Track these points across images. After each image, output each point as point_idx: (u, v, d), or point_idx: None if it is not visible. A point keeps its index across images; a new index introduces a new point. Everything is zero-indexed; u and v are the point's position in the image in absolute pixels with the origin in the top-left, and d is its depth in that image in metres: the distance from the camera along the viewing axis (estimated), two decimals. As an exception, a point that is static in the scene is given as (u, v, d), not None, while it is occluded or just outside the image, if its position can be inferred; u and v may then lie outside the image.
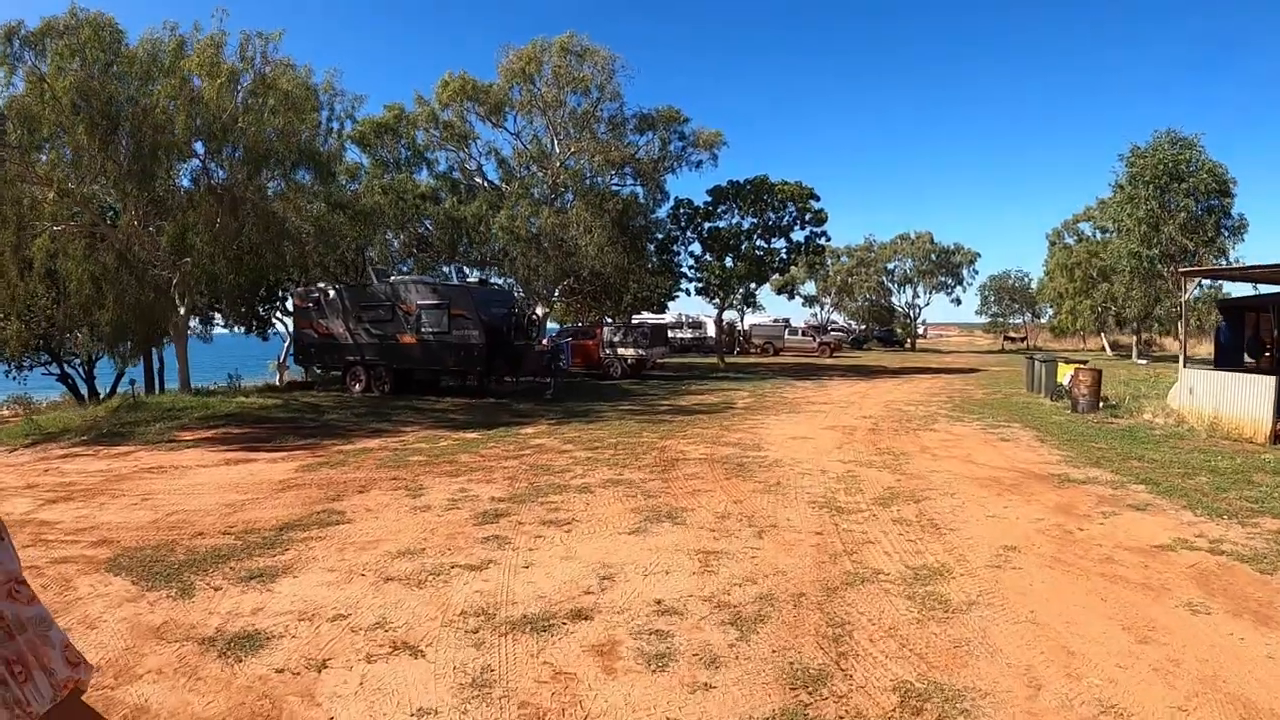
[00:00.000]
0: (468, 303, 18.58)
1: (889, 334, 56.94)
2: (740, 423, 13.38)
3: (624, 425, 13.22)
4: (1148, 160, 15.43)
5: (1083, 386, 13.90)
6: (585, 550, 5.99)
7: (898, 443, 10.98)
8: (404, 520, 7.02)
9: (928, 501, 7.29)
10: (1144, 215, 14.94)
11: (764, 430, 12.39)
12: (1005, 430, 12.21)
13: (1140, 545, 6.08)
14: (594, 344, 25.36)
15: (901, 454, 9.98)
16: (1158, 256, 14.75)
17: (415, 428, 13.29)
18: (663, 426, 13.01)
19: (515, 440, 11.75)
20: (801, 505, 7.22)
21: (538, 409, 16.07)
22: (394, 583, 5.32)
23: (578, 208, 25.58)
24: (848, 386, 21.69)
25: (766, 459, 9.76)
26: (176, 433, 12.54)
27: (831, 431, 12.19)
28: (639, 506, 7.30)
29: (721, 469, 9.15)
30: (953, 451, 10.17)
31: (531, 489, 8.19)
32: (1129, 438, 11.38)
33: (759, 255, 27.33)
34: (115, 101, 16.15)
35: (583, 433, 12.42)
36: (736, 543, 6.04)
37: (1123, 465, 9.23)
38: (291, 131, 19.93)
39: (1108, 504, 7.35)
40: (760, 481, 8.38)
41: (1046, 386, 17.10)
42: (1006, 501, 7.37)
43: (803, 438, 11.52)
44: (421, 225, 27.67)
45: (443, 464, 9.76)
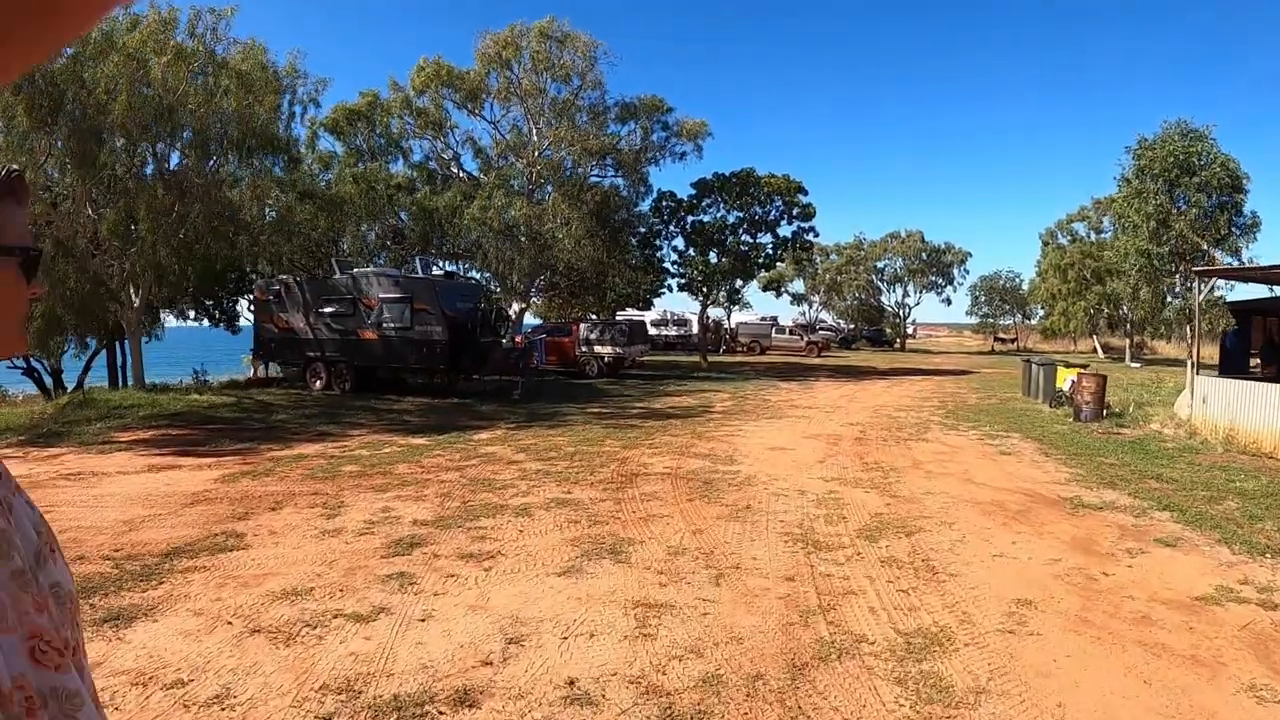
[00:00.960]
0: (431, 296, 17.41)
1: (878, 334, 55.98)
2: (715, 429, 12.24)
3: (588, 431, 12.07)
4: (1157, 153, 14.39)
5: (1086, 393, 12.85)
6: (500, 597, 4.85)
7: (887, 456, 9.87)
8: (305, 548, 5.93)
9: (922, 535, 6.15)
10: (1153, 211, 13.89)
11: (740, 439, 11.25)
12: (1005, 441, 11.12)
13: (1179, 597, 4.98)
14: (570, 341, 24.18)
15: (891, 470, 8.86)
16: (1167, 255, 13.70)
17: (364, 431, 12.14)
18: (630, 433, 11.85)
19: (465, 447, 10.61)
20: (772, 538, 6.07)
21: (501, 411, 14.93)
22: (261, 636, 4.29)
23: (554, 199, 24.38)
24: (835, 389, 20.61)
25: (738, 475, 8.61)
26: (115, 433, 11.60)
27: (814, 441, 11.06)
28: (579, 536, 6.14)
29: (685, 487, 8.00)
30: (948, 467, 9.06)
31: (463, 510, 7.06)
32: (1140, 451, 10.32)
33: (744, 250, 26.19)
34: (58, 81, 14.90)
35: (540, 439, 11.26)
36: (687, 591, 4.89)
37: (1140, 486, 8.15)
38: (247, 114, 18.74)
39: (1131, 537, 6.25)
40: (728, 504, 7.23)
41: (1045, 392, 16.06)
42: (1015, 534, 6.25)
43: (782, 448, 10.39)
44: (396, 217, 26.42)
45: (376, 476, 8.64)
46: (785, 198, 26.48)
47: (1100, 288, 39.42)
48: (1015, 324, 62.81)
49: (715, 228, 26.54)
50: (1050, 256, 42.83)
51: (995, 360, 39.90)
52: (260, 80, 19.07)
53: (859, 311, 56.14)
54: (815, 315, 57.64)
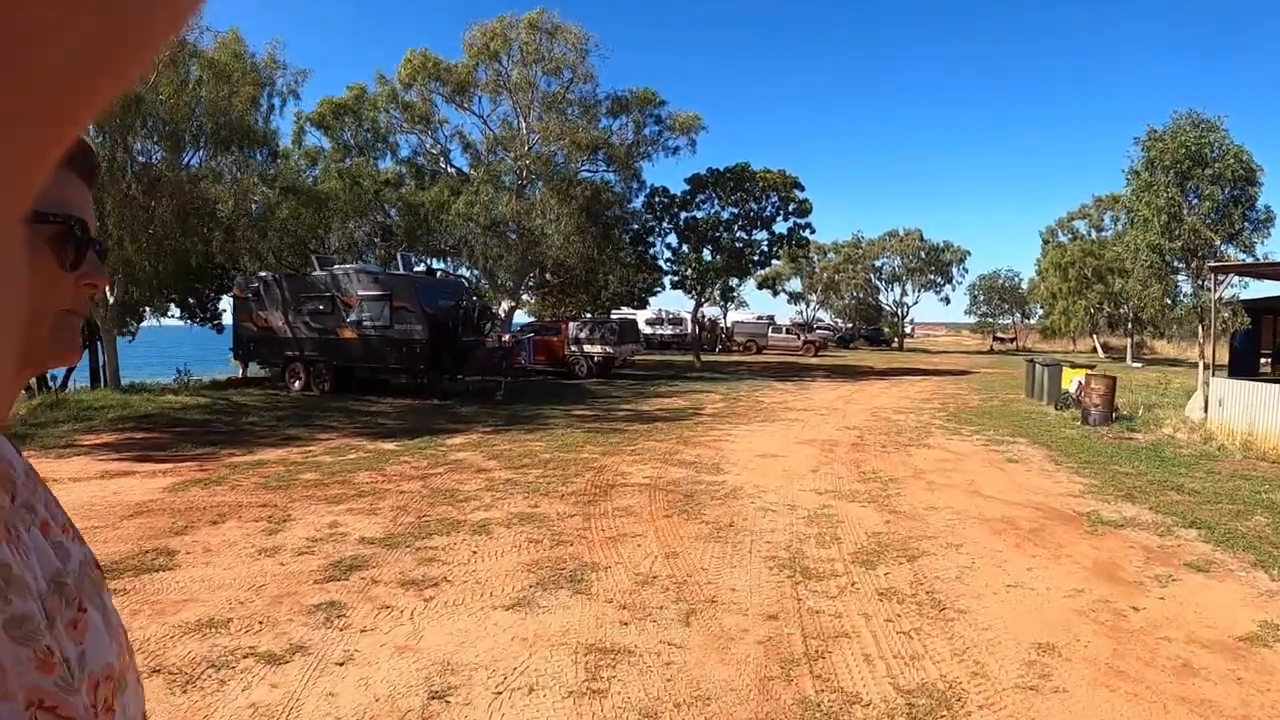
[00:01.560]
0: (410, 294, 16.77)
1: (876, 333, 55.26)
2: (703, 434, 11.55)
3: (568, 435, 11.38)
4: (1167, 144, 13.71)
5: (1094, 395, 12.17)
6: (435, 636, 4.18)
7: (886, 464, 9.17)
8: (236, 570, 5.34)
9: (926, 559, 5.46)
10: (1164, 204, 13.21)
11: (729, 444, 10.55)
12: (1011, 447, 10.42)
13: (1220, 636, 4.30)
14: (558, 340, 23.46)
15: (891, 480, 8.16)
16: (1179, 250, 13.01)
17: (333, 435, 11.46)
18: (612, 438, 11.16)
19: (434, 453, 9.92)
20: (756, 563, 5.37)
21: (481, 413, 14.26)
22: (160, 677, 3.79)
23: (543, 193, 23.68)
24: (831, 389, 19.92)
25: (724, 487, 7.91)
26: (80, 436, 11.03)
27: (808, 447, 10.37)
28: (538, 560, 5.45)
29: (664, 501, 7.31)
30: (952, 477, 8.37)
31: (416, 526, 6.39)
32: (1155, 459, 9.63)
33: (738, 247, 25.45)
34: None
35: (516, 445, 10.57)
36: (651, 632, 4.20)
37: (1160, 499, 7.47)
38: (222, 105, 18.07)
39: (1159, 560, 5.57)
40: (709, 522, 6.53)
41: (1050, 393, 15.38)
42: (1029, 558, 5.56)
43: (773, 455, 9.69)
44: (384, 213, 25.70)
45: (333, 485, 7.98)
46: (781, 193, 25.77)
47: (1101, 286, 38.76)
48: (1014, 323, 62.13)
49: (709, 224, 25.83)
50: (1050, 255, 42.14)
51: (995, 360, 39.24)
52: (236, 70, 18.39)
53: (857, 310, 55.42)
54: (813, 314, 56.93)
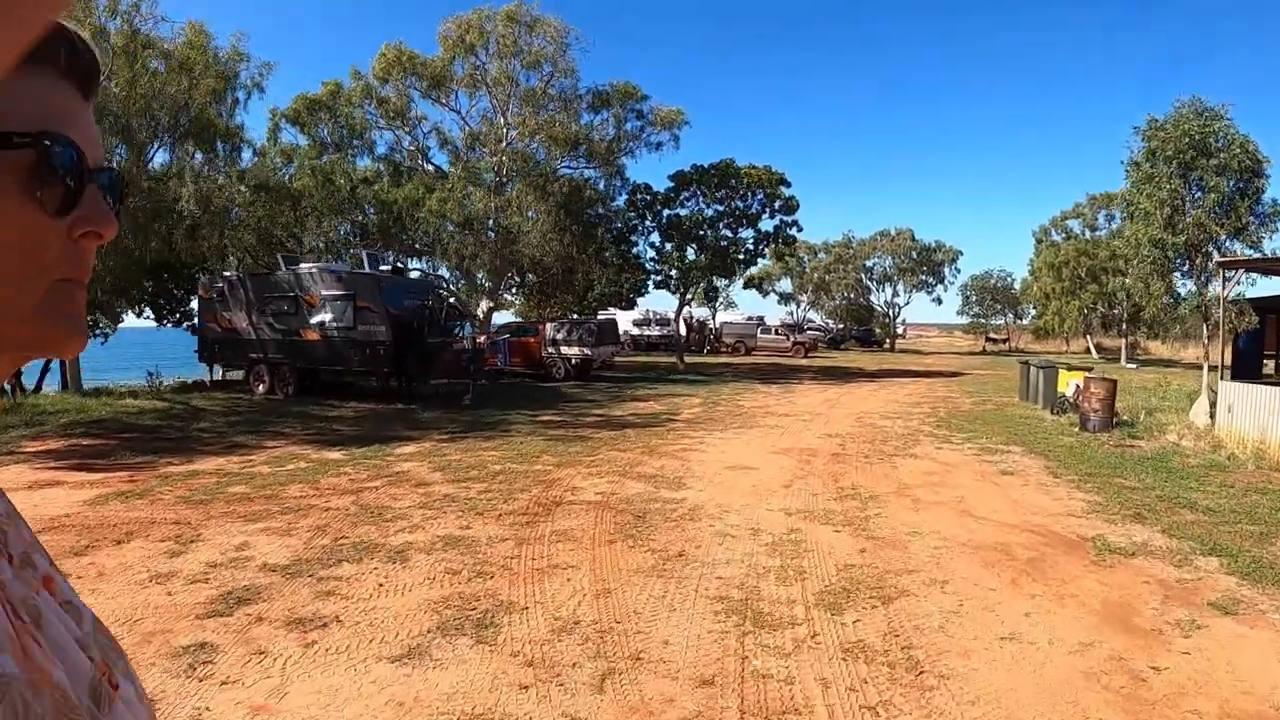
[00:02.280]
0: (374, 294, 15.91)
1: (868, 334, 54.51)
2: (673, 442, 10.68)
3: (527, 444, 10.51)
4: (1169, 133, 12.92)
5: (1094, 400, 11.35)
6: (300, 695, 3.40)
7: (868, 477, 8.31)
8: (121, 599, 4.59)
9: (905, 601, 4.59)
10: (1166, 196, 12.41)
11: (698, 454, 9.68)
12: (1005, 457, 9.58)
13: (1263, 707, 3.46)
14: (535, 342, 22.56)
15: (871, 498, 7.30)
16: (1182, 245, 12.22)
17: (282, 442, 10.63)
18: (574, 447, 10.29)
19: (379, 464, 9.08)
20: (700, 606, 4.49)
21: (444, 418, 13.44)
22: None
23: (519, 190, 22.80)
24: (818, 392, 19.08)
25: (682, 505, 7.04)
26: (26, 443, 10.27)
27: (784, 458, 9.50)
28: (449, 596, 4.58)
29: (612, 523, 6.43)
30: (940, 493, 7.50)
31: (329, 550, 5.57)
32: (1162, 470, 8.81)
33: (723, 245, 24.59)
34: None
35: (469, 454, 9.71)
36: (553, 701, 3.32)
37: (1173, 519, 6.63)
38: (179, 98, 17.24)
39: (1179, 600, 4.72)
40: (656, 550, 5.65)
41: (1045, 397, 14.57)
42: (1027, 598, 4.70)
43: (744, 468, 8.82)
44: (362, 212, 24.78)
45: (258, 500, 7.15)
46: (766, 190, 24.93)
47: (1096, 286, 38.12)
48: (1007, 324, 61.51)
49: (692, 222, 24.98)
50: (1044, 254, 41.49)
51: (987, 361, 38.53)
52: (198, 62, 17.60)
53: (848, 311, 54.69)
54: (803, 315, 56.16)
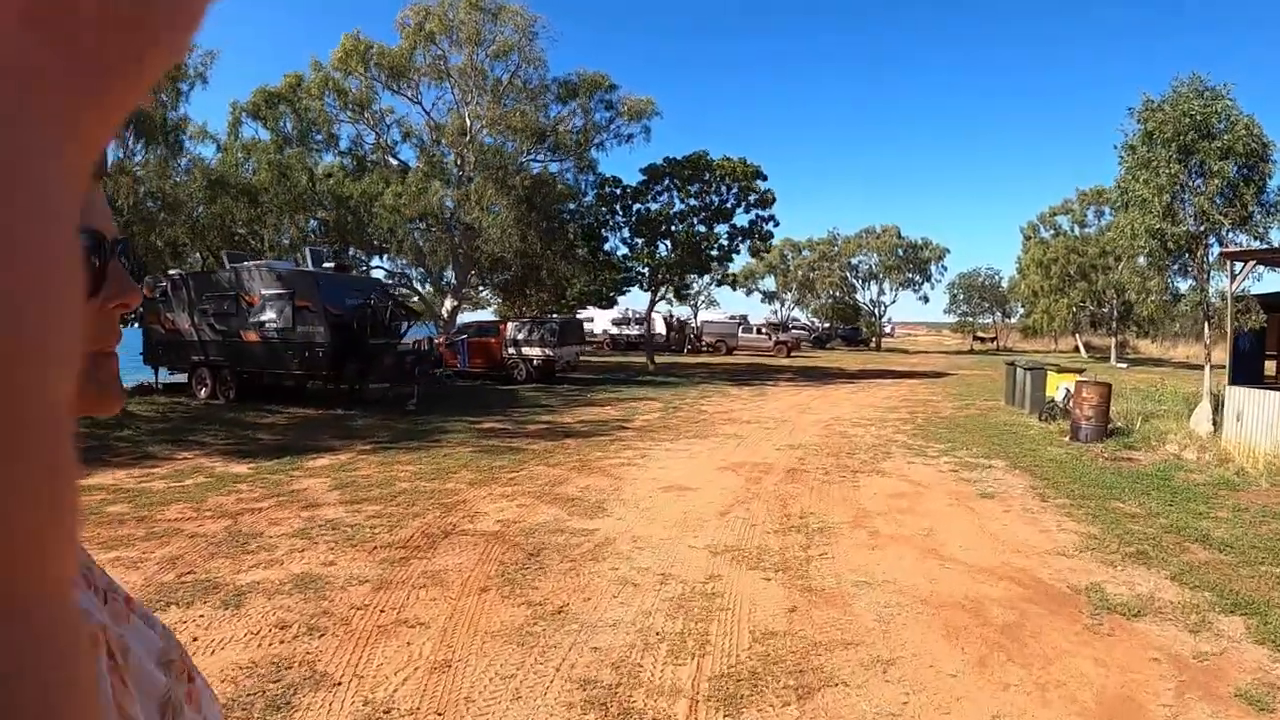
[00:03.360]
0: (312, 292, 14.68)
1: (854, 333, 53.36)
2: (613, 455, 9.42)
3: (452, 457, 9.33)
4: (1168, 113, 11.75)
5: (1086, 406, 10.16)
6: None
7: (823, 501, 7.07)
8: None
9: (829, 695, 3.32)
10: (1165, 182, 11.24)
11: (635, 471, 8.43)
12: (986, 473, 8.35)
13: None
14: (496, 342, 21.25)
15: (821, 530, 6.06)
16: (1183, 236, 11.06)
17: (195, 453, 9.47)
18: (499, 460, 9.05)
19: (281, 479, 7.98)
20: (556, 693, 3.22)
21: (378, 425, 12.33)
22: None
23: (479, 182, 21.49)
24: (791, 395, 17.86)
25: (590, 539, 5.78)
26: None
27: (732, 475, 8.26)
28: (259, 660, 3.34)
29: (497, 561, 5.18)
30: (905, 524, 6.26)
31: (171, 586, 4.90)
32: (1165, 490, 7.61)
33: (694, 240, 23.32)
34: None
35: (383, 469, 8.56)
36: None
37: (1182, 558, 5.42)
38: None
39: (1198, 689, 3.49)
40: (534, 602, 4.41)
41: (1032, 401, 13.41)
42: (1000, 690, 3.44)
43: (681, 488, 7.57)
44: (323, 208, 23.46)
45: (129, 524, 6.12)
46: (742, 183, 23.70)
47: (1085, 284, 37.17)
48: (995, 322, 60.59)
49: (661, 216, 23.71)
50: (1032, 251, 40.47)
51: (974, 360, 37.48)
52: None
53: (834, 310, 53.56)
54: (788, 314, 55.00)
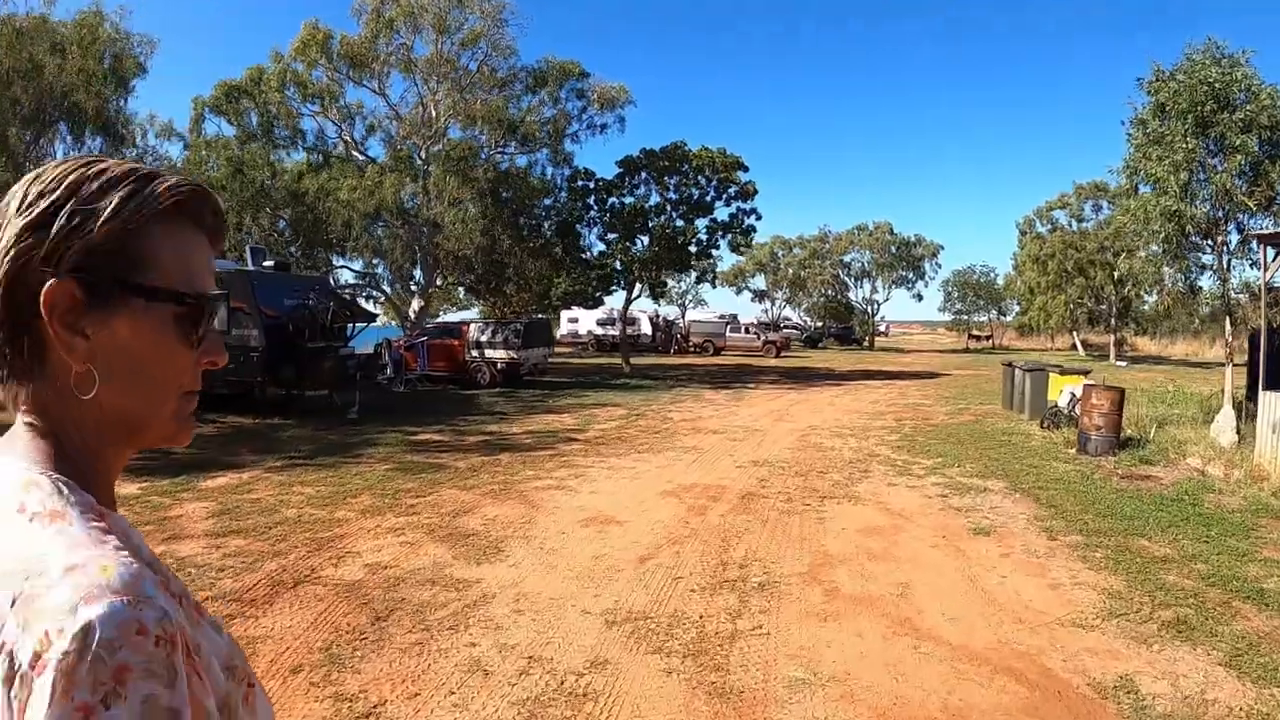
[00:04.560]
0: (246, 292, 13.34)
1: (847, 332, 51.97)
2: (546, 475, 8.03)
3: (364, 475, 8.12)
4: (1183, 83, 10.41)
5: (1096, 414, 8.80)
6: None
7: (776, 539, 5.69)
8: None
9: None
10: (1182, 159, 9.90)
11: (560, 496, 7.05)
12: (981, 499, 6.97)
13: None
14: (459, 345, 19.84)
15: (762, 586, 4.68)
16: (1203, 218, 9.72)
17: None
18: (415, 480, 7.79)
19: (162, 501, 6.94)
20: None
21: (309, 436, 11.14)
22: None
23: (438, 174, 20.10)
24: (770, 399, 16.49)
25: (466, 593, 4.43)
26: None
27: (675, 502, 6.87)
28: None
29: (333, 626, 3.84)
30: (875, 576, 4.88)
31: None
32: (1195, 519, 6.25)
33: (670, 234, 21.91)
34: None
35: (280, 490, 7.42)
36: None
37: (1233, 626, 4.07)
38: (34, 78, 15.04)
39: None
40: (345, 694, 3.15)
41: (1032, 405, 12.07)
42: None
43: (607, 521, 6.19)
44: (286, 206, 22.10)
45: None
46: (721, 174, 22.30)
47: (1083, 280, 35.92)
48: (990, 320, 59.28)
49: (635, 210, 22.31)
50: (1028, 247, 39.20)
51: (969, 360, 36.16)
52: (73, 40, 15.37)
53: (826, 308, 52.18)
54: (779, 313, 53.64)
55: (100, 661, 0.50)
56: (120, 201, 0.60)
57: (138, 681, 0.51)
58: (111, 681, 0.50)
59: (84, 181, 0.60)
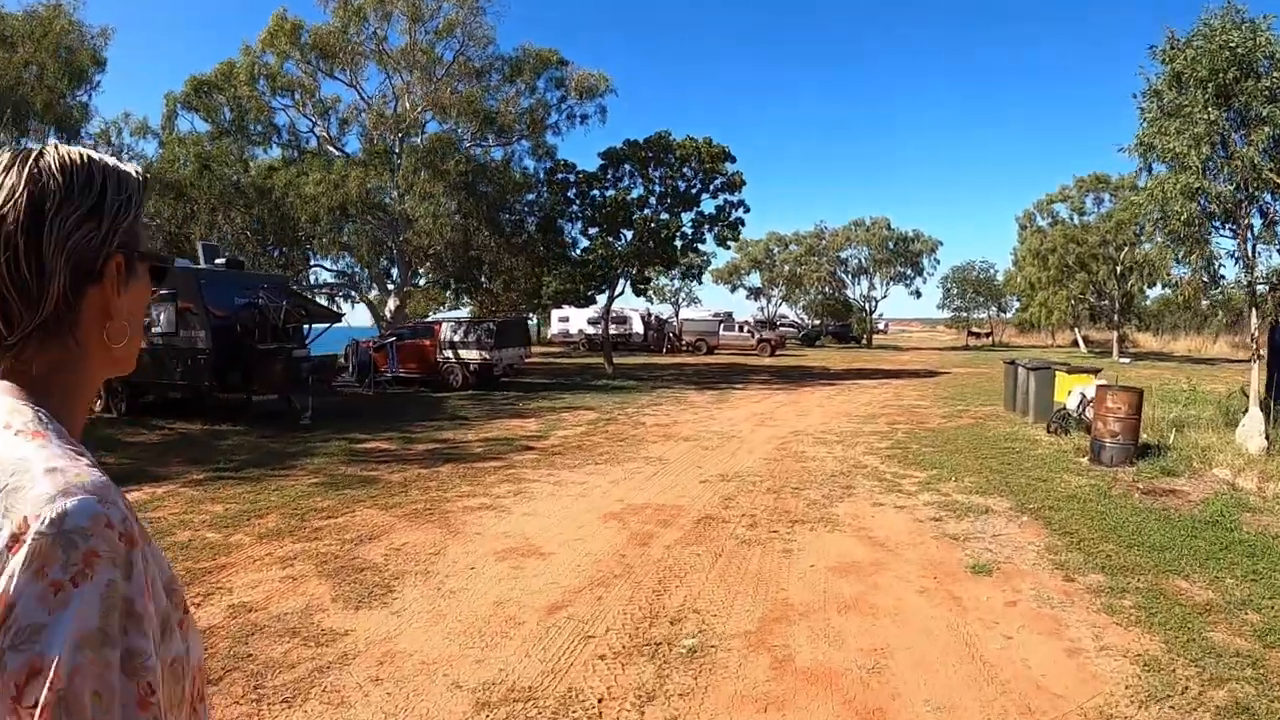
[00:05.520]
0: (194, 292, 12.51)
1: (844, 330, 50.83)
2: (479, 493, 6.98)
3: (281, 491, 7.28)
4: (1201, 49, 9.36)
5: (1111, 418, 7.75)
6: None
7: (726, 580, 4.64)
8: None
9: None
10: (1203, 132, 8.85)
11: (487, 519, 6.00)
12: (981, 524, 5.90)
13: None
14: (431, 345, 18.80)
15: (698, 650, 3.62)
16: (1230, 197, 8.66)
17: None
18: (335, 496, 6.88)
19: None
20: None
21: (247, 445, 10.21)
22: None
23: (406, 167, 19.05)
24: (756, 401, 15.43)
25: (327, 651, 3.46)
26: None
27: (616, 527, 5.82)
28: None
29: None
30: (841, 636, 3.81)
31: None
32: (1235, 547, 5.20)
33: (653, 228, 20.80)
34: None
35: (187, 509, 6.54)
36: None
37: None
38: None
39: None
40: None
41: (1037, 407, 11.02)
42: None
43: (526, 552, 5.15)
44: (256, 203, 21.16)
45: None
46: (707, 165, 21.21)
47: (1084, 274, 34.88)
48: (990, 317, 58.18)
49: (615, 203, 21.22)
50: (1029, 241, 38.11)
51: (969, 357, 35.11)
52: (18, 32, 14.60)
53: (823, 306, 51.05)
54: (775, 310, 52.55)
55: (73, 545, 0.58)
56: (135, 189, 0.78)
57: (104, 567, 0.59)
58: (81, 563, 0.58)
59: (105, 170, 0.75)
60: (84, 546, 0.58)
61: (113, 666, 0.57)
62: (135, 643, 0.59)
